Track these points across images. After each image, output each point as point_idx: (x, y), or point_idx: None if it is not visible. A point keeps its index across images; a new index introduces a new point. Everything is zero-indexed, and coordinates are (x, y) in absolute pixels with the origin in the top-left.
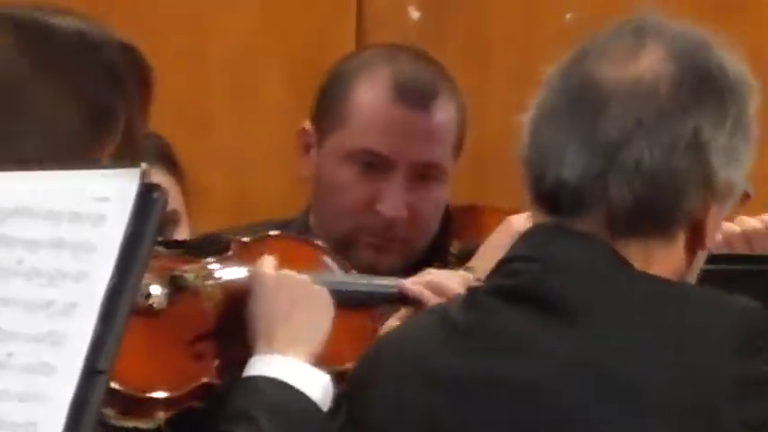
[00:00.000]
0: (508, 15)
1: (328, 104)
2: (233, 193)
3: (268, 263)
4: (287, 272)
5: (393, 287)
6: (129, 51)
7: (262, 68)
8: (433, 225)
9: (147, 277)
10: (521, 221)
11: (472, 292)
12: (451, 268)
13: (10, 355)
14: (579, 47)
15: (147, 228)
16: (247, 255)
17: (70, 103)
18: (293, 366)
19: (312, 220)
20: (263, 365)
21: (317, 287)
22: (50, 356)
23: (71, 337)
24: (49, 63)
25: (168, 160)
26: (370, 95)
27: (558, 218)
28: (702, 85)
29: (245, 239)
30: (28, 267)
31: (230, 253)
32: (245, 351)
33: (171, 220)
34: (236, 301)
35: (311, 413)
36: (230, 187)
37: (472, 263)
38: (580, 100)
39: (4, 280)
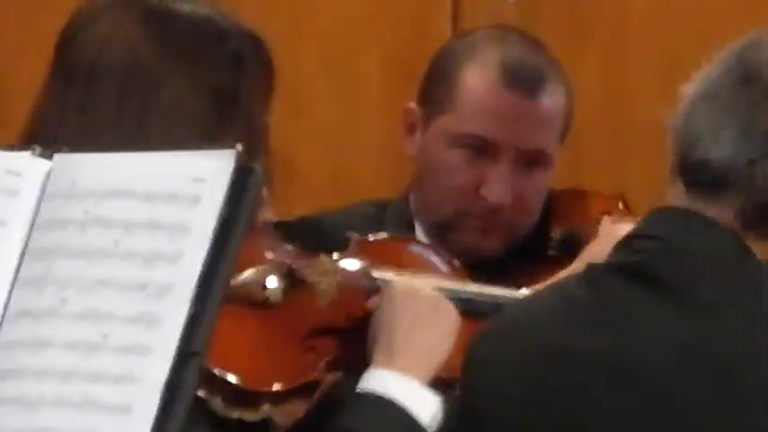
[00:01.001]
0: None
1: (436, 86)
2: (330, 174)
3: (401, 276)
4: (419, 284)
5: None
6: (254, 41)
7: (359, 50)
8: (537, 210)
9: (264, 269)
10: (623, 230)
11: (592, 268)
12: (552, 255)
13: (105, 336)
14: (755, 33)
15: (241, 209)
16: (365, 255)
17: (196, 89)
18: (408, 387)
19: (413, 200)
20: (377, 381)
21: (446, 304)
22: (145, 338)
23: (166, 318)
24: (177, 49)
25: None
26: (478, 79)
27: (694, 194)
28: None
29: (364, 238)
30: (124, 248)
31: (348, 252)
32: (354, 351)
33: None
34: (350, 303)
35: None
36: (327, 168)
37: (571, 270)
38: (746, 85)
39: (100, 261)
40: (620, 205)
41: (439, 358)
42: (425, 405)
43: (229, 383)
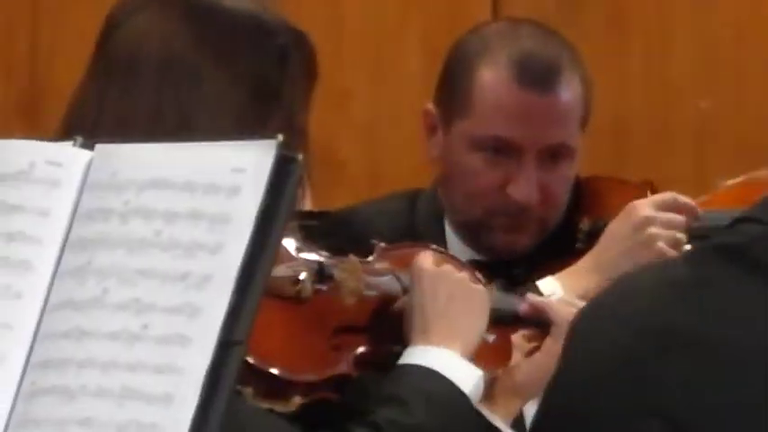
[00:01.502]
0: None
1: (451, 88)
2: (368, 165)
3: (427, 259)
4: (447, 267)
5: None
6: (299, 38)
7: (399, 41)
8: (564, 202)
9: (296, 264)
10: (644, 209)
11: (694, 248)
12: (580, 247)
13: (145, 326)
14: None
15: (282, 200)
16: (390, 259)
17: (236, 83)
18: (448, 358)
19: (442, 199)
20: (417, 355)
21: (476, 285)
22: (186, 328)
23: (207, 308)
24: (215, 42)
25: None
26: (492, 80)
27: None
28: None
29: (387, 246)
30: (165, 239)
31: (374, 256)
32: (382, 350)
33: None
34: (379, 303)
35: (461, 405)
36: (366, 160)
37: (595, 252)
38: None
39: (142, 251)
40: (649, 194)
41: (475, 335)
42: (467, 376)
43: (262, 373)
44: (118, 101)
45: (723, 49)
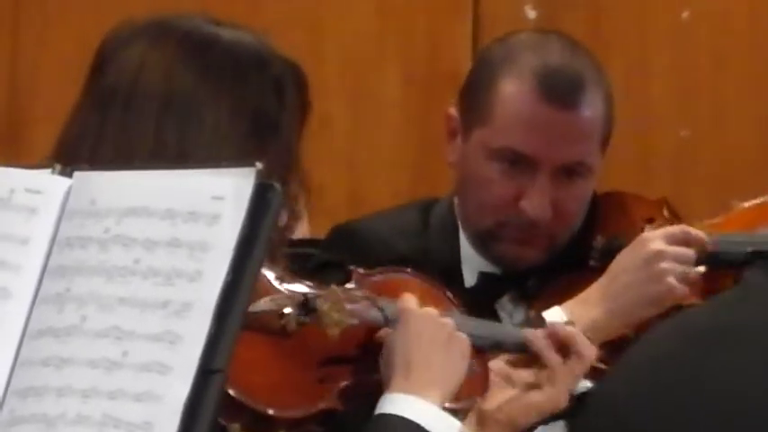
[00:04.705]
0: (624, 12)
1: (474, 96)
2: (348, 191)
3: (412, 299)
4: (430, 311)
5: (519, 338)
6: (293, 69)
7: (378, 69)
8: (578, 219)
9: (280, 298)
10: (655, 243)
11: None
12: (593, 264)
13: (125, 354)
14: None
15: (262, 227)
16: (369, 286)
17: (236, 114)
18: (428, 410)
19: (457, 206)
20: (399, 404)
21: (459, 333)
22: (166, 356)
23: (186, 336)
24: (216, 74)
25: None
26: (515, 91)
27: None
28: None
29: (365, 272)
30: (145, 267)
31: (353, 284)
32: (366, 380)
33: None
34: (362, 332)
35: None
36: (345, 186)
37: (604, 283)
38: None
39: (121, 279)
40: (665, 212)
41: (455, 383)
42: (447, 428)
43: (248, 409)
44: (118, 132)
45: (702, 76)
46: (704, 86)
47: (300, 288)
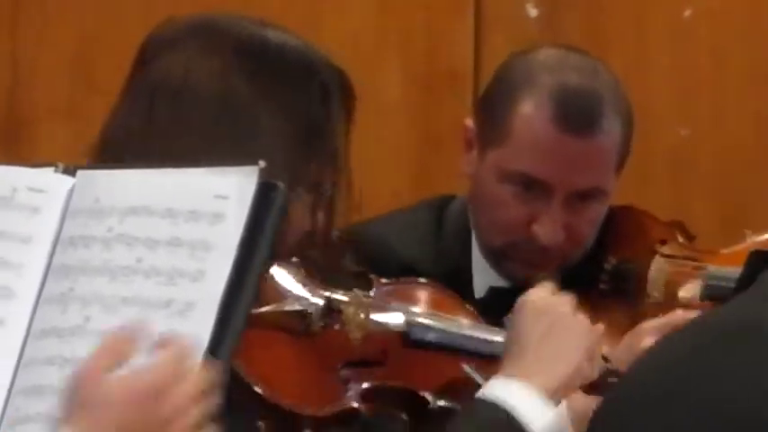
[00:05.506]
0: (624, 11)
1: (491, 111)
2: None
3: (539, 290)
4: (554, 298)
5: None
6: (339, 73)
7: (379, 69)
8: (589, 240)
9: (304, 299)
10: (650, 339)
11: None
12: (603, 288)
13: None
14: None
15: (265, 226)
16: (390, 295)
17: (288, 119)
18: (527, 396)
19: (471, 216)
20: (498, 388)
21: (580, 315)
22: None
23: (189, 336)
24: (268, 80)
25: None
26: (531, 115)
27: None
28: None
29: (385, 281)
30: (147, 266)
31: (374, 290)
32: (388, 383)
33: None
34: (384, 337)
35: None
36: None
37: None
38: None
39: (124, 279)
40: (680, 237)
41: (566, 369)
42: (539, 415)
43: (275, 407)
44: (170, 131)
45: (702, 76)
46: (704, 86)
47: (324, 291)
